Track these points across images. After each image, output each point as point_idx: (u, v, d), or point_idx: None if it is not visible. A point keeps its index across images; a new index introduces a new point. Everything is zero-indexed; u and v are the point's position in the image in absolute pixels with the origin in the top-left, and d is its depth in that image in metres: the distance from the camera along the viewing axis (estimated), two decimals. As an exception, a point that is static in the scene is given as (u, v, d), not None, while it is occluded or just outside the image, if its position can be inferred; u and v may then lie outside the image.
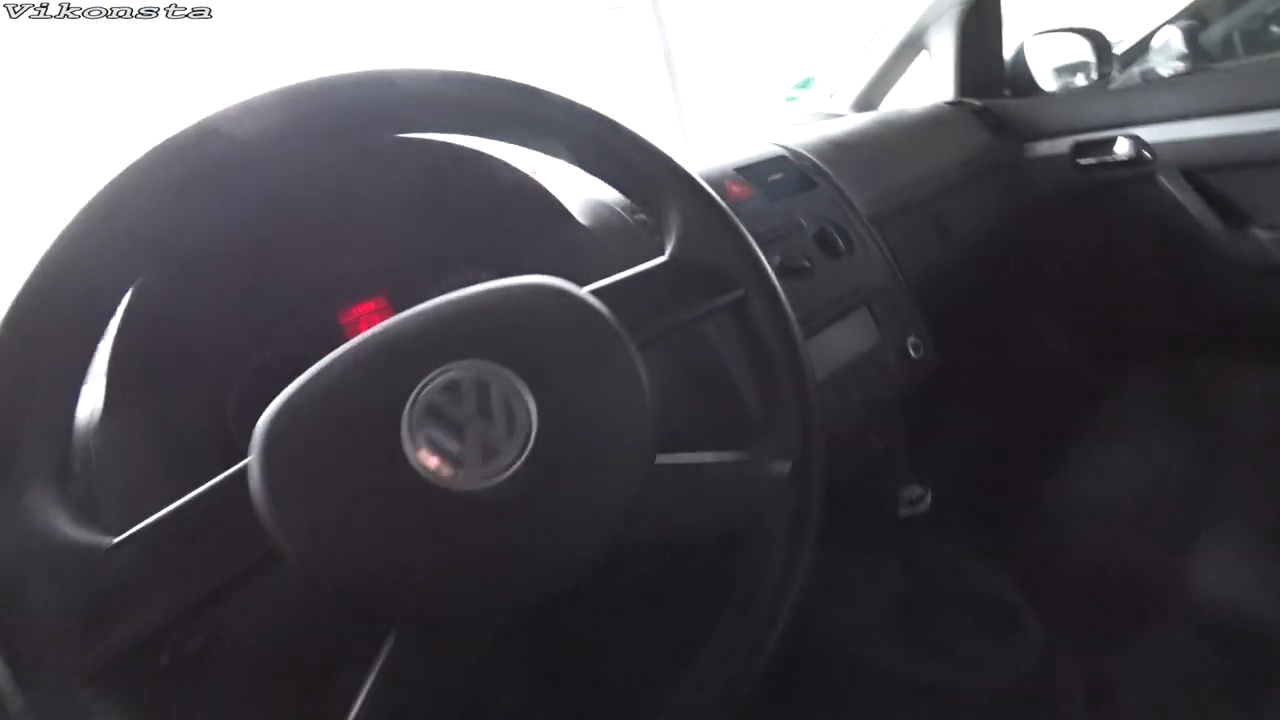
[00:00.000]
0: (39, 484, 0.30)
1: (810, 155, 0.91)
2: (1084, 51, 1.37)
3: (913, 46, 1.33)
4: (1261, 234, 1.11)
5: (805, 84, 1.42)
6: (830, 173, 0.89)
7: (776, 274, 0.73)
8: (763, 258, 0.46)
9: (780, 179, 0.84)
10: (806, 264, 0.76)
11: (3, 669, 0.27)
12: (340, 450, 0.31)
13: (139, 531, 0.31)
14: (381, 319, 0.66)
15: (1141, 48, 1.87)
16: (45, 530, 0.30)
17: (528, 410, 0.33)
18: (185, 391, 0.54)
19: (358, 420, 0.32)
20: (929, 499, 0.85)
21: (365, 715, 0.32)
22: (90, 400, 0.54)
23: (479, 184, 0.62)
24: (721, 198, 0.77)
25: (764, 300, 0.45)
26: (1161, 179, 1.16)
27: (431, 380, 0.32)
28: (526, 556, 0.34)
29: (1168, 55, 1.70)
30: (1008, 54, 1.34)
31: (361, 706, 0.32)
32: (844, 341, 0.78)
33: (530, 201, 0.67)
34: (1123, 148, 1.18)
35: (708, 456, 0.42)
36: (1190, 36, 1.81)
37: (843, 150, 0.95)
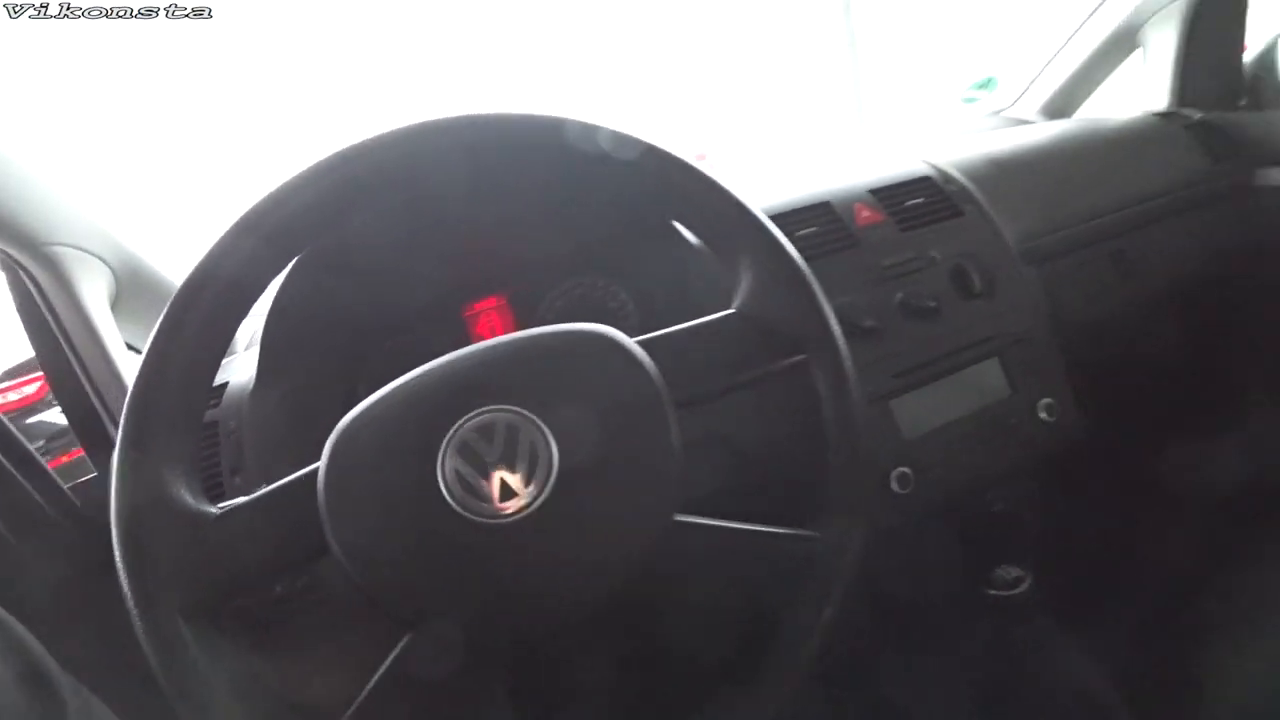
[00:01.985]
0: (169, 464, 0.37)
1: (961, 177, 0.81)
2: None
3: (1123, 44, 1.14)
4: None
5: (987, 84, 1.27)
6: (981, 199, 0.79)
7: (897, 313, 0.67)
8: (832, 320, 0.43)
9: (920, 204, 0.76)
10: (933, 304, 0.69)
11: (129, 600, 0.35)
12: (384, 473, 0.36)
13: (235, 509, 0.37)
14: (499, 316, 0.71)
15: None
16: (169, 499, 0.37)
17: (551, 458, 0.36)
18: (323, 370, 0.63)
19: (401, 449, 0.37)
20: (1028, 583, 0.74)
21: (366, 702, 0.36)
22: (247, 368, 0.62)
23: (602, 193, 0.62)
24: (848, 222, 0.72)
25: (826, 369, 0.42)
26: None
27: (469, 420, 0.36)
28: (521, 593, 0.36)
29: None
30: (1250, 56, 1.11)
31: (367, 694, 0.36)
32: (964, 394, 0.70)
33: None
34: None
35: (736, 524, 0.41)
36: None
37: (1005, 172, 0.84)
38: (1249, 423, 1.08)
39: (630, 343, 0.40)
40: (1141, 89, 1.16)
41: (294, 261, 0.45)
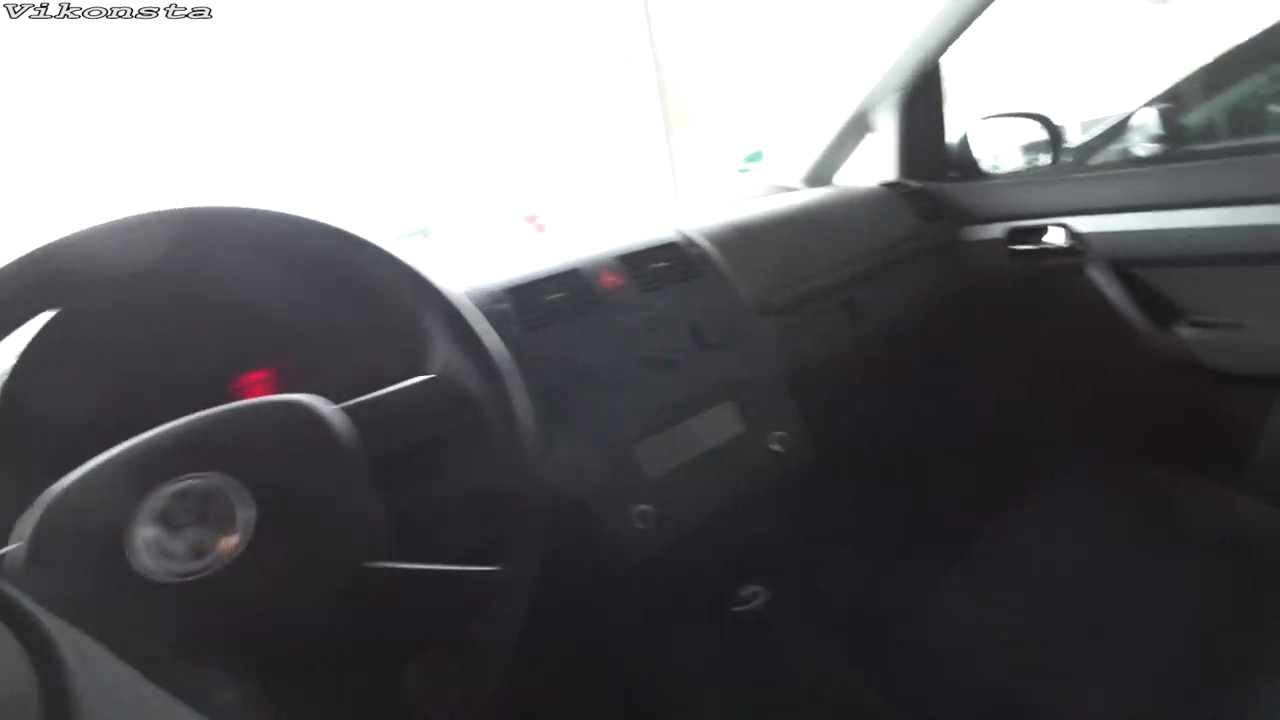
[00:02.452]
0: None
1: (704, 242, 0.91)
2: (1033, 135, 1.40)
3: (860, 126, 1.35)
4: (1185, 331, 1.10)
5: (755, 157, 1.45)
6: (720, 261, 0.89)
7: (639, 366, 0.75)
8: (509, 379, 0.49)
9: (663, 268, 0.84)
10: (671, 357, 0.77)
11: None
12: (71, 548, 0.37)
13: None
14: (268, 388, 0.70)
15: (1118, 130, 1.89)
16: None
17: (248, 517, 0.39)
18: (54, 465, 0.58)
19: (89, 523, 0.38)
20: (765, 598, 0.83)
21: None
22: None
23: (356, 268, 0.65)
24: (594, 286, 0.80)
25: (501, 425, 0.48)
26: (1090, 270, 1.16)
27: (166, 488, 0.39)
28: (218, 641, 0.38)
29: (1143, 137, 1.72)
30: (955, 137, 1.36)
31: None
32: (703, 434, 0.78)
33: (405, 286, 0.69)
34: (1055, 237, 1.19)
35: (424, 565, 0.44)
36: (1168, 120, 1.83)
37: (745, 237, 0.96)
38: (966, 437, 1.29)
39: (327, 409, 0.44)
40: (879, 163, 1.38)
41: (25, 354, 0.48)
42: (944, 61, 1.27)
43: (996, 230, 1.24)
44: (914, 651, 0.86)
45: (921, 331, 1.13)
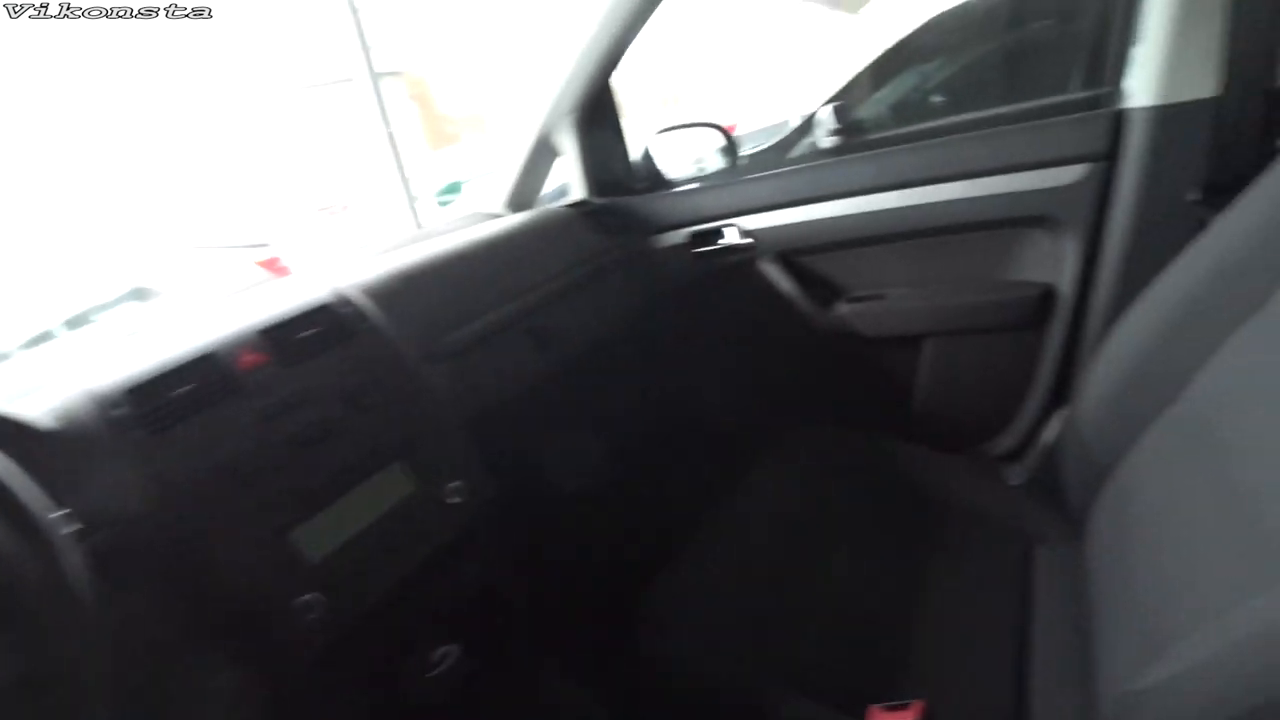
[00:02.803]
0: None
1: (361, 298, 0.86)
2: (712, 143, 1.50)
3: (546, 148, 1.36)
4: (843, 308, 1.25)
5: (453, 188, 1.42)
6: (376, 317, 0.85)
7: (286, 446, 0.68)
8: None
9: (312, 335, 0.78)
10: (323, 430, 0.72)
11: None
12: None
13: None
14: None
15: (804, 128, 2.09)
16: None
17: None
18: None
19: None
20: (455, 657, 0.81)
21: None
22: None
23: None
24: (230, 368, 0.72)
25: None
26: (761, 263, 1.27)
27: None
28: None
29: (825, 131, 1.89)
30: (637, 153, 1.42)
31: None
32: (368, 503, 0.72)
33: None
34: (728, 236, 1.28)
35: None
36: (842, 115, 2.04)
37: (409, 284, 0.91)
38: (679, 434, 1.36)
39: None
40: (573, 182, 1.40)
41: None
42: (615, 80, 1.31)
43: (680, 236, 1.31)
44: (640, 660, 0.87)
45: (618, 344, 1.17)
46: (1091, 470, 0.86)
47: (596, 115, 1.32)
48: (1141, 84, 0.97)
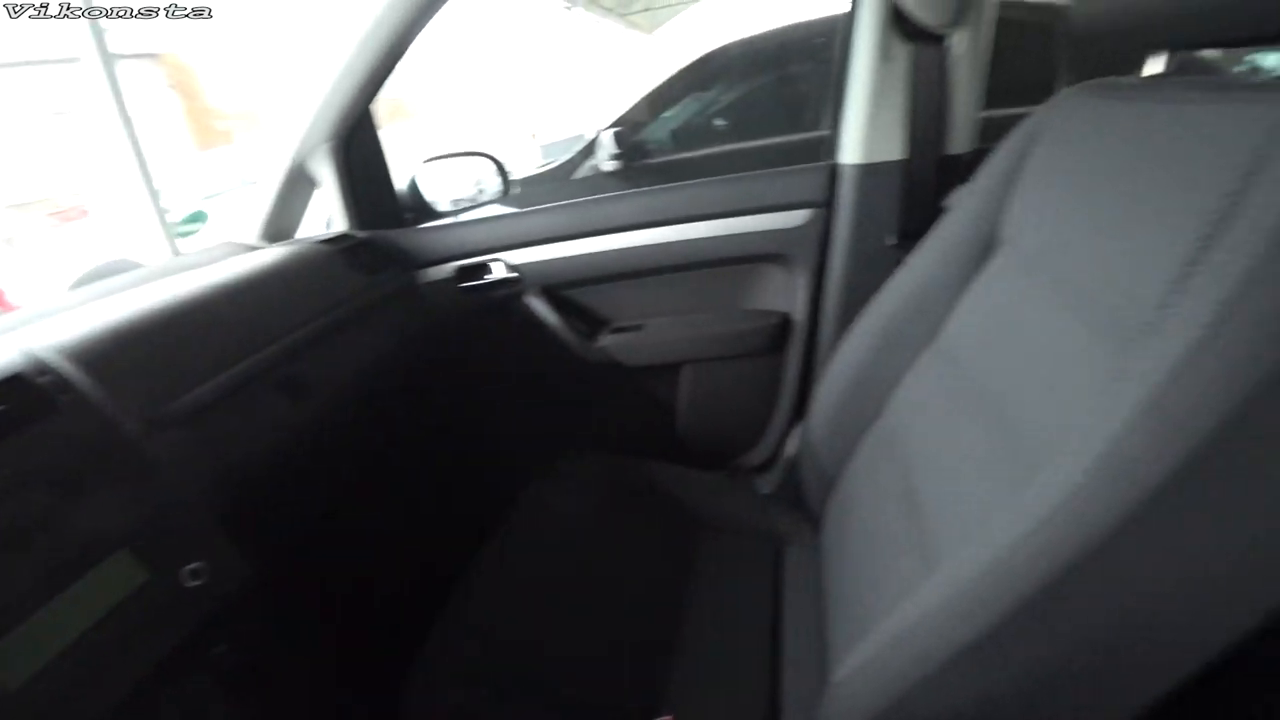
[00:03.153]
0: None
1: (63, 364, 0.73)
2: (482, 173, 1.50)
3: (301, 178, 1.29)
4: (606, 339, 1.32)
5: (196, 218, 1.30)
6: (85, 384, 0.73)
7: None
8: None
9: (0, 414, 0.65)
10: (18, 529, 0.61)
11: None
12: None
13: None
14: None
15: (587, 151, 2.15)
16: None
17: None
18: None
19: None
20: None
21: None
22: None
23: None
24: None
25: None
26: (527, 297, 1.31)
27: None
28: None
29: (607, 155, 1.95)
30: (403, 183, 1.39)
31: None
32: (91, 602, 0.63)
33: None
34: (494, 271, 1.31)
35: None
36: (621, 140, 2.12)
37: (125, 341, 0.80)
38: (454, 469, 1.36)
39: None
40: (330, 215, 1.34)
41: None
42: (375, 107, 1.27)
43: (447, 270, 1.31)
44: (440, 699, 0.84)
45: (383, 386, 1.13)
46: (823, 477, 1.00)
47: (356, 143, 1.28)
48: (849, 143, 1.14)
